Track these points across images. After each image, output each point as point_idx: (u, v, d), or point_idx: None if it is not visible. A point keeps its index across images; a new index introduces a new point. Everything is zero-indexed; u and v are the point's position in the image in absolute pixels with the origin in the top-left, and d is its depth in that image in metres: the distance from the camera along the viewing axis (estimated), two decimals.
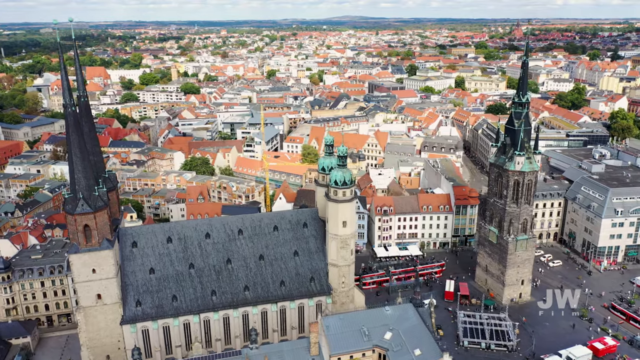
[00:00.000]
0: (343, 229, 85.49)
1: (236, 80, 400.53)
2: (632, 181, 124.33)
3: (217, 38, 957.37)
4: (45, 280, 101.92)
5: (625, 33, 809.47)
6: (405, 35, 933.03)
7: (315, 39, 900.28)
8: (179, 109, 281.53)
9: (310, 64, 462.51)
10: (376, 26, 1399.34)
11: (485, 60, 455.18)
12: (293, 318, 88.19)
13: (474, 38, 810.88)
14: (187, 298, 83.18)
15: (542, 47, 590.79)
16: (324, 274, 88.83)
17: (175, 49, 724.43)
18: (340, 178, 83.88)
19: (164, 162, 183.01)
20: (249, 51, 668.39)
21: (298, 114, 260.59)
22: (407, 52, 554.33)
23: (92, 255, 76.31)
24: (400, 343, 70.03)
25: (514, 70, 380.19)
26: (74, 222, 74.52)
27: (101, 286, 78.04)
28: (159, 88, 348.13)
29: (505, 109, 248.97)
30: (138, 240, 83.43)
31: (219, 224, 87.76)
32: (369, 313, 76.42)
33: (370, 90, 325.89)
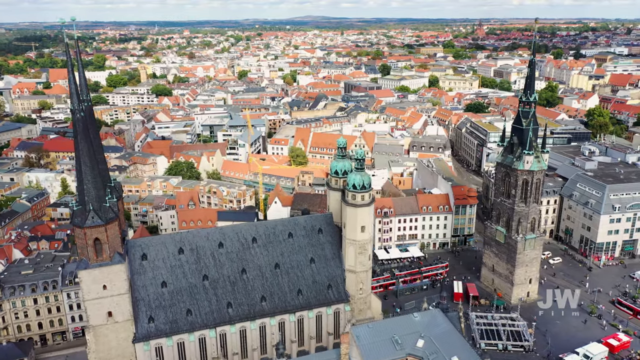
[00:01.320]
0: (361, 234, 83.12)
1: (207, 81, 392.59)
2: (626, 177, 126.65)
3: (180, 38, 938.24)
4: (38, 297, 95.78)
5: (582, 32, 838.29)
6: (371, 35, 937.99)
7: (281, 39, 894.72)
8: (153, 112, 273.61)
9: (281, 64, 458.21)
10: (339, 26, 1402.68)
11: (454, 60, 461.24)
12: (311, 328, 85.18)
13: (438, 38, 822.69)
14: (202, 312, 79.07)
15: (506, 46, 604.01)
16: (341, 280, 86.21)
17: (138, 50, 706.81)
18: (359, 182, 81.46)
19: (146, 167, 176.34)
20: (216, 52, 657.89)
21: (277, 115, 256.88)
22: (376, 52, 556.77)
23: (103, 271, 71.43)
24: (434, 350, 67.99)
25: (485, 69, 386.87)
26: (83, 235, 69.47)
27: (112, 303, 73.19)
28: (129, 90, 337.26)
29: (484, 107, 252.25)
30: (148, 253, 78.75)
31: (231, 233, 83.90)
32: (398, 320, 74.26)
33: (346, 91, 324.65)
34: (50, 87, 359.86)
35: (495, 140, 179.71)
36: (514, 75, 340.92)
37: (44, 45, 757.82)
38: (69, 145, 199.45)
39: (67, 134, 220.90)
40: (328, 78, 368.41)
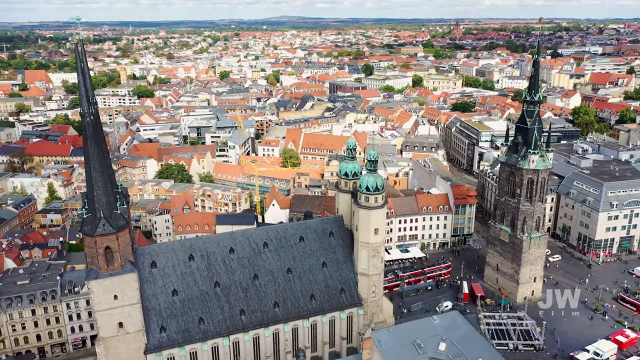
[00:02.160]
0: (375, 236, 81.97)
1: (189, 82, 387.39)
2: (621, 175, 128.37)
3: (156, 39, 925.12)
4: (36, 307, 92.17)
5: (556, 32, 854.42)
6: (349, 35, 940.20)
7: (260, 39, 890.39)
8: (136, 114, 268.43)
9: (263, 65, 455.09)
10: (316, 26, 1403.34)
11: (435, 59, 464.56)
12: (325, 333, 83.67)
13: (416, 37, 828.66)
14: (214, 319, 76.84)
15: (484, 46, 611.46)
16: (353, 284, 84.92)
17: (114, 51, 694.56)
18: (372, 184, 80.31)
19: (135, 170, 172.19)
20: (195, 52, 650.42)
21: (264, 116, 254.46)
22: (357, 52, 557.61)
23: (114, 280, 68.74)
24: (457, 353, 67.19)
25: (467, 69, 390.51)
26: (93, 244, 66.70)
27: (123, 313, 70.49)
28: (109, 92, 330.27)
29: (471, 106, 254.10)
30: (157, 260, 76.18)
31: (242, 238, 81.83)
32: (417, 324, 73.17)
33: (331, 91, 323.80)
34: (27, 89, 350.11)
35: (487, 140, 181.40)
36: (497, 74, 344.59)
37: (15, 46, 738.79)
38: (53, 149, 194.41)
39: (49, 137, 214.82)
40: (312, 78, 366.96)
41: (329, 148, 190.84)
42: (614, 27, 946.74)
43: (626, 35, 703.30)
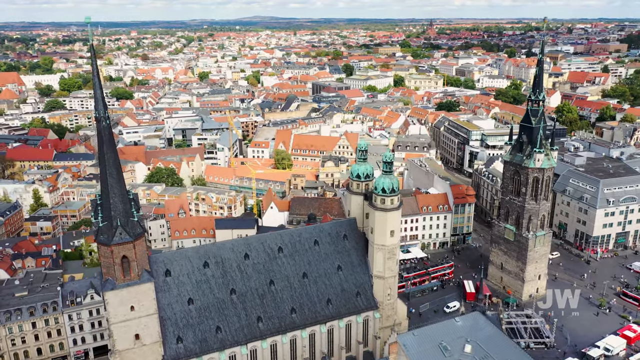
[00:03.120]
0: (390, 238, 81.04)
1: (167, 83, 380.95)
2: (615, 172, 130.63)
3: (128, 40, 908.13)
4: (37, 320, 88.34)
5: (527, 32, 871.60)
6: (324, 35, 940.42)
7: (234, 39, 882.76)
8: (117, 116, 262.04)
9: (241, 65, 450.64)
10: (288, 26, 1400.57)
11: (414, 59, 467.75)
12: (341, 337, 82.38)
13: (392, 38, 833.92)
14: (231, 328, 74.75)
15: (460, 45, 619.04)
16: (368, 287, 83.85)
17: (85, 52, 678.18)
18: (388, 185, 79.34)
19: (124, 174, 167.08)
20: (170, 53, 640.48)
21: (249, 117, 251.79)
22: (335, 52, 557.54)
23: (131, 291, 66.07)
24: (484, 355, 66.80)
25: (447, 68, 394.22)
26: (110, 254, 63.93)
27: (140, 325, 67.85)
28: (87, 94, 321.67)
29: (455, 105, 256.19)
30: (171, 268, 73.64)
31: (256, 243, 79.90)
32: (440, 327, 72.55)
33: (314, 91, 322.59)
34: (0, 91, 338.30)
35: (477, 139, 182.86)
36: (477, 73, 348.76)
37: None
38: (35, 154, 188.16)
39: (28, 141, 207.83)
40: (294, 79, 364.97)
41: (319, 149, 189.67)
42: (581, 27, 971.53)
43: (594, 35, 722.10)
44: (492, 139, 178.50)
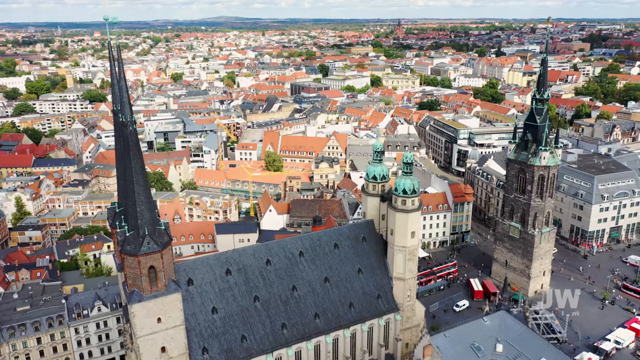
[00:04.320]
0: (411, 239, 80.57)
1: (140, 85, 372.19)
2: (607, 168, 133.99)
3: (92, 40, 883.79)
4: (42, 335, 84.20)
5: (492, 32, 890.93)
6: (293, 36, 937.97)
7: (202, 40, 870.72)
8: (93, 119, 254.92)
9: (215, 66, 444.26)
10: (254, 27, 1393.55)
11: (387, 59, 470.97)
12: (364, 341, 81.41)
13: (361, 38, 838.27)
14: (256, 336, 72.74)
15: (430, 45, 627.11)
16: (388, 289, 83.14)
17: (48, 53, 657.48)
18: (409, 186, 78.79)
19: (110, 180, 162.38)
20: (138, 54, 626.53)
21: (230, 118, 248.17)
22: (308, 52, 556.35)
23: (158, 302, 63.28)
24: (517, 354, 67.13)
25: (422, 68, 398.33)
26: (137, 264, 61.04)
27: (167, 337, 65.08)
28: (57, 97, 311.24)
29: (437, 104, 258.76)
30: (194, 277, 71.12)
31: (277, 248, 78.09)
32: (469, 327, 72.52)
33: (293, 92, 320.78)
34: None
35: (465, 137, 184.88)
36: (453, 73, 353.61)
37: None
38: (13, 160, 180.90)
39: (2, 147, 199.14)
40: (271, 79, 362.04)
41: (308, 150, 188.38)
42: (542, 26, 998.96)
43: (556, 35, 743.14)
44: (480, 138, 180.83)
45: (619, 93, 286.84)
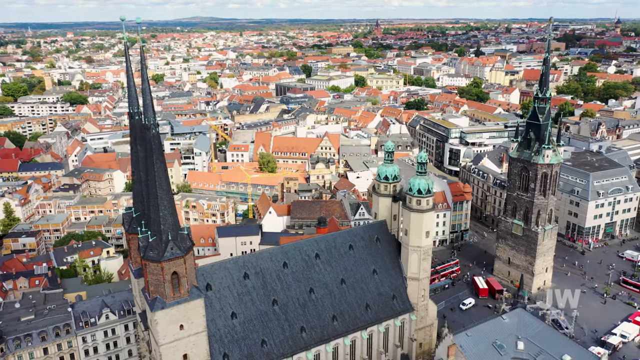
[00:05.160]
0: (426, 239, 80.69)
1: (121, 87, 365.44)
2: (600, 165, 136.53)
3: (66, 42, 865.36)
4: (49, 345, 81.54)
5: (468, 31, 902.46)
6: (272, 36, 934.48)
7: (179, 40, 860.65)
8: (75, 122, 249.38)
9: (196, 67, 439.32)
10: (230, 27, 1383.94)
11: (369, 59, 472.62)
12: (380, 342, 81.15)
13: (340, 38, 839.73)
14: (276, 340, 71.83)
15: (409, 45, 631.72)
16: (403, 289, 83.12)
17: (20, 55, 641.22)
18: (424, 186, 78.86)
19: (101, 184, 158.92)
20: (115, 55, 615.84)
21: (217, 120, 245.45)
22: (289, 53, 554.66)
23: (181, 309, 61.91)
24: (538, 352, 67.61)
25: (405, 67, 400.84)
26: (160, 270, 59.58)
27: (189, 344, 63.73)
28: (36, 99, 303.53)
29: (423, 104, 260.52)
30: (212, 282, 69.80)
31: (293, 250, 77.31)
32: (489, 325, 72.80)
33: (278, 92, 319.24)
34: None
35: (457, 136, 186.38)
36: (436, 72, 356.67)
37: None
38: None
39: None
40: (255, 80, 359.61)
41: (301, 151, 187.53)
42: (517, 26, 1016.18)
43: (531, 34, 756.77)
44: (471, 137, 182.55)
45: (599, 91, 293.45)
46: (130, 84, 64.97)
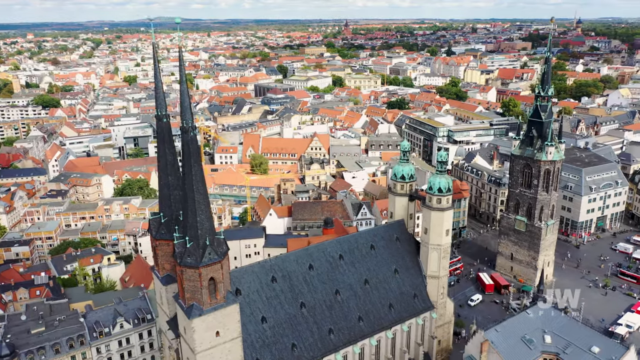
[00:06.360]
0: (446, 237, 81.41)
1: (93, 89, 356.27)
2: (590, 161, 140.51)
3: (27, 43, 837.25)
4: (63, 358, 78.61)
5: (436, 32, 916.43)
6: (241, 37, 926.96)
7: (146, 41, 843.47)
8: (51, 126, 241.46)
9: (169, 68, 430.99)
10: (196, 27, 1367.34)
11: (343, 59, 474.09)
12: (403, 341, 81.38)
13: (310, 38, 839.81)
14: (306, 343, 71.12)
15: (380, 45, 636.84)
16: (423, 288, 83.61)
17: None
18: (444, 185, 79.49)
19: (89, 189, 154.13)
20: (81, 56, 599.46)
21: (200, 122, 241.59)
22: (262, 53, 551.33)
23: (217, 315, 60.53)
24: (566, 345, 69.03)
25: (381, 67, 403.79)
26: (197, 276, 58.09)
27: (224, 350, 62.36)
28: (6, 103, 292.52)
29: (406, 103, 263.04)
30: (240, 286, 68.48)
31: (317, 252, 76.71)
32: (516, 320, 74.01)
33: (257, 93, 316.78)
34: None
35: (444, 135, 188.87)
36: (413, 72, 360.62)
37: None
38: None
39: None
40: (232, 81, 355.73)
41: (290, 152, 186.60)
42: (482, 26, 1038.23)
43: (497, 34, 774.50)
44: (459, 135, 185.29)
45: (571, 89, 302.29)
46: (158, 86, 63.05)
